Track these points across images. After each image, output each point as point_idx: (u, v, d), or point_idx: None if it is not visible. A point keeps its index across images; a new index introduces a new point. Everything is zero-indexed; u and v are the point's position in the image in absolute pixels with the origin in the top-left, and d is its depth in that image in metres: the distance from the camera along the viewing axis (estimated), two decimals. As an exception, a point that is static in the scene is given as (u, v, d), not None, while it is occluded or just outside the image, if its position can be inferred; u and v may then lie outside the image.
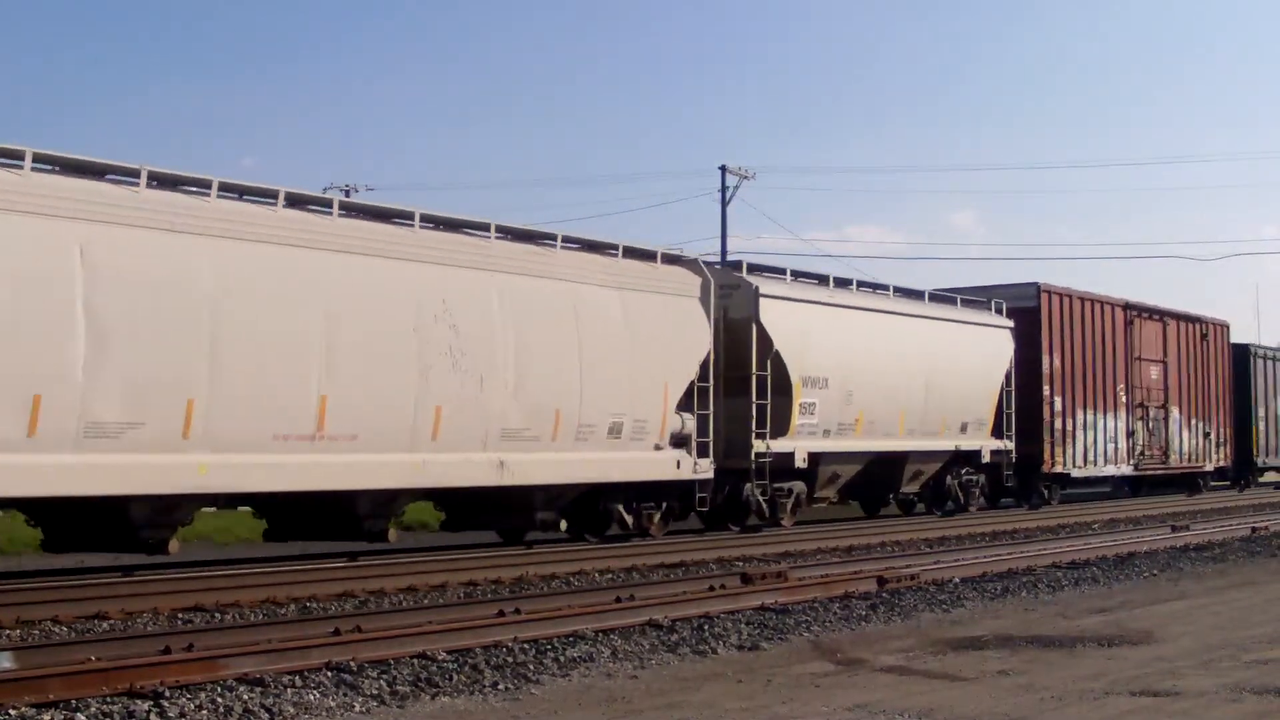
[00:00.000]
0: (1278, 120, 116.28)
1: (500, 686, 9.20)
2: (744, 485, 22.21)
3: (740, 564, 17.73)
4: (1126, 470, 34.85)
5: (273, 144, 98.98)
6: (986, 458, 28.28)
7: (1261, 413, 42.34)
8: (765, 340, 22.29)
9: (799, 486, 23.52)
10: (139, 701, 8.24)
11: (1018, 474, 29.70)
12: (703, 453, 21.07)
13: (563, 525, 19.79)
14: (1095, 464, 32.85)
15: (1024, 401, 29.51)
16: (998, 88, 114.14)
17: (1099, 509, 30.94)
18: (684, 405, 20.77)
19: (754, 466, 22.09)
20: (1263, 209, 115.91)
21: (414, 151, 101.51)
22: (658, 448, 20.23)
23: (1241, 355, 41.53)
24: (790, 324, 22.95)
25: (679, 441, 20.73)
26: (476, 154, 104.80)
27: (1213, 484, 40.30)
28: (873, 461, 25.39)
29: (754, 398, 21.97)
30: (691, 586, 14.46)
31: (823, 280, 25.05)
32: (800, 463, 22.99)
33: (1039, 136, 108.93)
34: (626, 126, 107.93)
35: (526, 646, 10.46)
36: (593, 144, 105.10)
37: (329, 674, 9.20)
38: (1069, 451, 31.63)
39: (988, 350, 28.41)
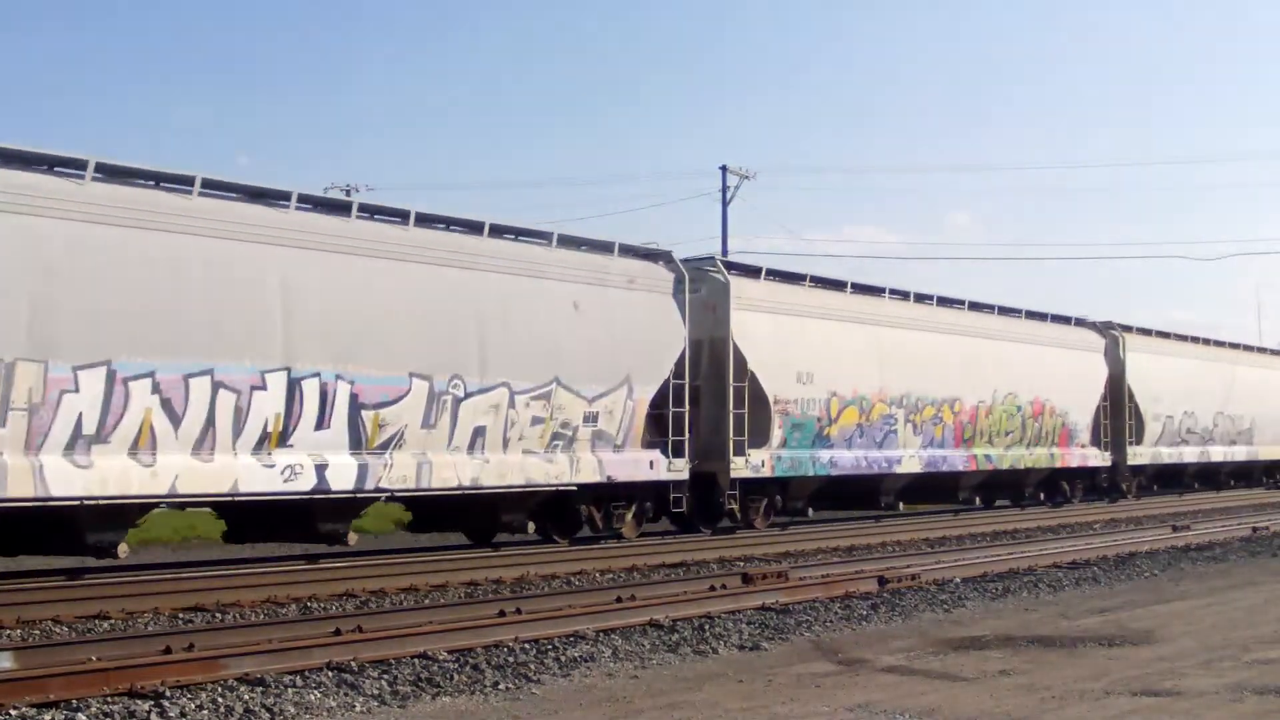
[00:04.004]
0: (1277, 120, 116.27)
1: (501, 686, 9.19)
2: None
3: (741, 564, 17.73)
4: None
5: (270, 143, 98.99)
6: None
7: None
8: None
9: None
10: (140, 701, 8.25)
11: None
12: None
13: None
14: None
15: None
16: (997, 88, 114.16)
17: (1100, 509, 30.95)
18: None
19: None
20: (1263, 209, 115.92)
21: (414, 151, 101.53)
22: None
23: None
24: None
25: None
26: (476, 154, 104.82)
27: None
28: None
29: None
30: (692, 586, 14.46)
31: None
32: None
33: (1039, 136, 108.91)
34: (626, 126, 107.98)
35: (527, 646, 10.46)
36: (593, 144, 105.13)
37: (330, 674, 9.20)
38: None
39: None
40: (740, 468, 21.70)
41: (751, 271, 23.56)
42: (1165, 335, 36.72)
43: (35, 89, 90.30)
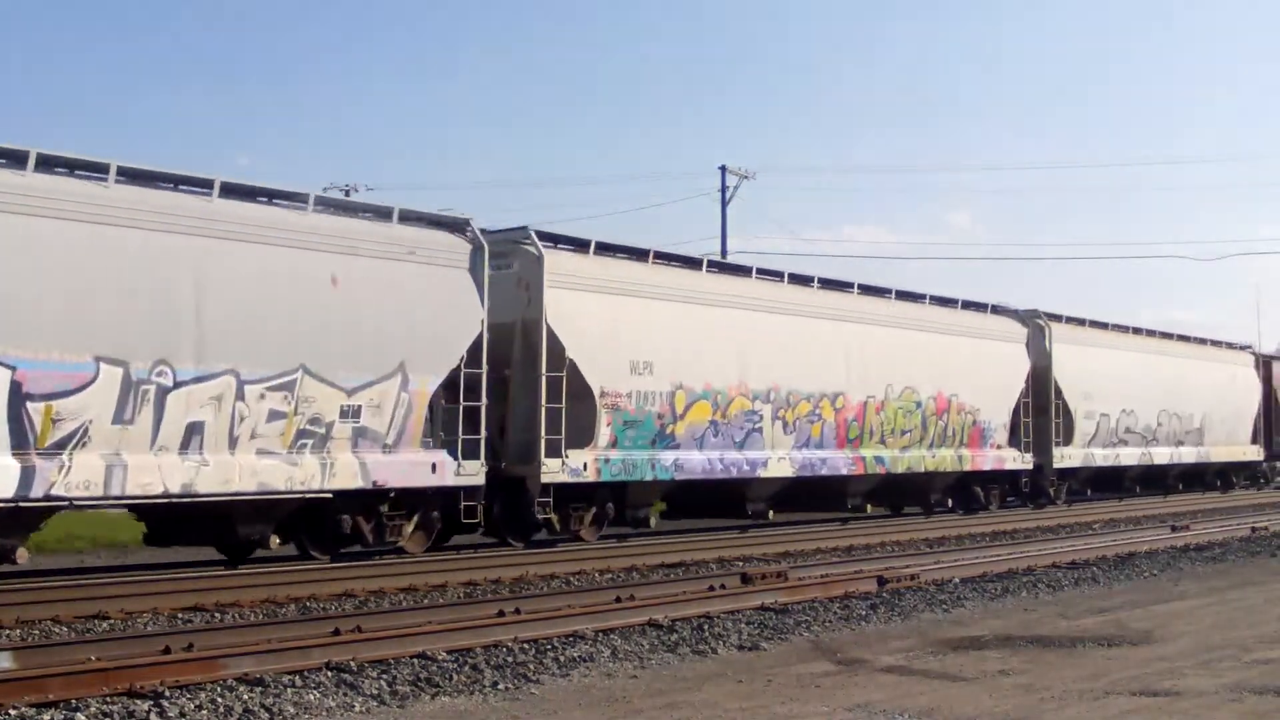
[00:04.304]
0: (1278, 120, 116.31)
1: (500, 686, 9.19)
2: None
3: (740, 564, 17.74)
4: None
5: (269, 143, 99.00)
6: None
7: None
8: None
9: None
10: (139, 701, 8.25)
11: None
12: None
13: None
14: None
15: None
16: (997, 88, 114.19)
17: (1101, 508, 30.92)
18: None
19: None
20: (1263, 209, 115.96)
21: (413, 151, 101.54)
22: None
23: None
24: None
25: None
26: (476, 154, 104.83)
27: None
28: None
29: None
30: (691, 586, 14.46)
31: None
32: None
33: (1038, 137, 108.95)
34: (626, 126, 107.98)
35: (526, 646, 10.46)
36: (593, 144, 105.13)
37: (329, 674, 9.20)
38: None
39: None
40: (555, 471, 18.53)
41: (578, 245, 20.21)
42: (1101, 325, 33.53)
43: (34, 89, 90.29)
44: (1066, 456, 30.94)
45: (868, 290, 25.93)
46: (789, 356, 22.99)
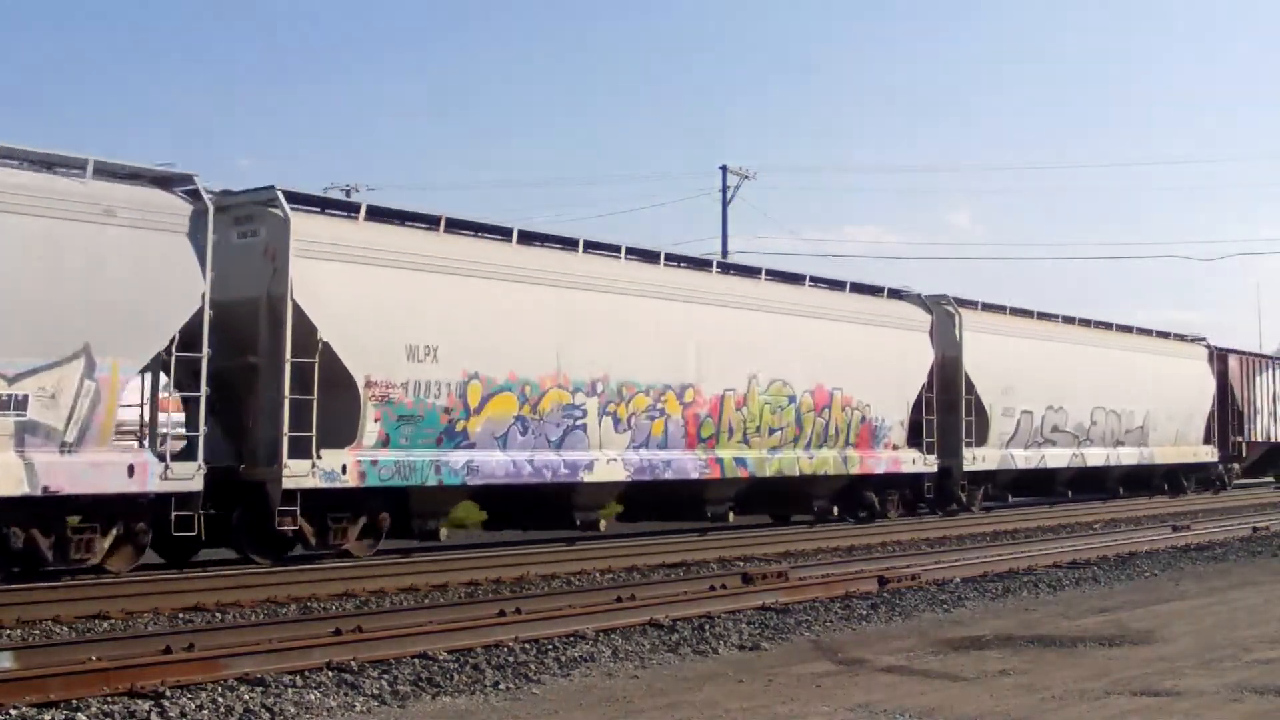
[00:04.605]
0: (1278, 121, 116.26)
1: (501, 686, 9.19)
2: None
3: (741, 564, 17.74)
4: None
5: (269, 144, 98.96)
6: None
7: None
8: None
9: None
10: (140, 701, 8.24)
11: None
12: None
13: None
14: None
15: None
16: (997, 88, 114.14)
17: (1101, 508, 30.90)
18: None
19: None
20: (1263, 209, 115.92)
21: (414, 151, 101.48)
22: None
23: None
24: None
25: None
26: (477, 154, 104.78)
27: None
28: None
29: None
30: (692, 586, 14.46)
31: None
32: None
33: (1038, 136, 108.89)
34: (626, 126, 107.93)
35: (527, 646, 10.46)
36: (593, 144, 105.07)
37: (330, 674, 9.20)
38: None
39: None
40: (302, 475, 15.62)
41: (345, 209, 17.50)
42: (1025, 313, 30.01)
43: (34, 88, 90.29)
44: (980, 458, 27.40)
45: (732, 270, 23.56)
46: (623, 343, 19.84)
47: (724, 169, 46.46)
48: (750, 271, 23.52)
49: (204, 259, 14.84)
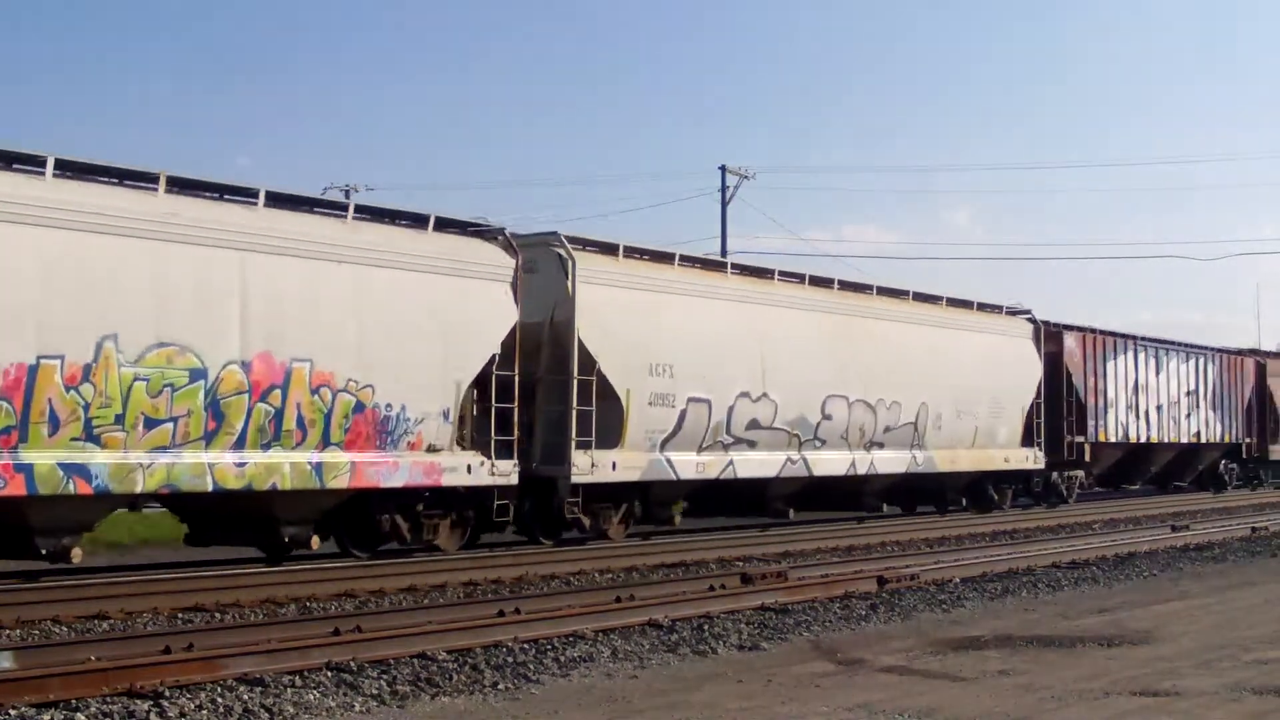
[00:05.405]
0: (1278, 120, 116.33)
1: (500, 686, 9.20)
2: None
3: (741, 564, 17.74)
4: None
5: (269, 144, 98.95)
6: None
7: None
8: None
9: None
10: (139, 701, 8.25)
11: None
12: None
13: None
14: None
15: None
16: (997, 88, 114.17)
17: (1100, 508, 30.89)
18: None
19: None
20: (1263, 209, 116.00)
21: (413, 151, 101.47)
22: None
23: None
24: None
25: None
26: (477, 154, 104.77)
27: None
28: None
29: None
30: (691, 586, 14.47)
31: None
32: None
33: (1037, 136, 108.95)
34: (627, 126, 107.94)
35: (526, 646, 10.46)
36: (593, 144, 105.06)
37: (329, 674, 9.20)
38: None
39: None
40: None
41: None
42: (694, 262, 21.82)
43: (33, 87, 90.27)
44: (601, 464, 18.93)
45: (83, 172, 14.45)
46: None
47: (724, 169, 46.40)
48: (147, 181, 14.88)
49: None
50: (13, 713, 7.90)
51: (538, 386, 18.93)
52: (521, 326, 18.16)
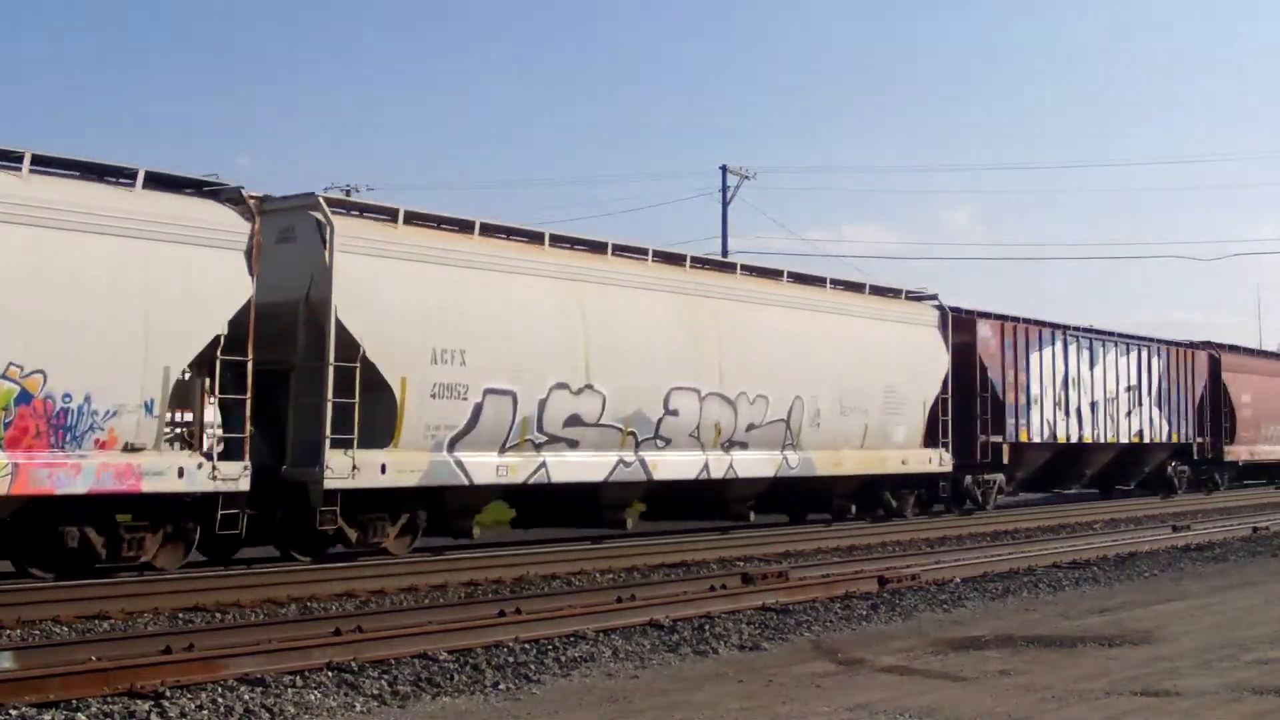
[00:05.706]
0: (1278, 121, 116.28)
1: (501, 686, 9.19)
2: None
3: (741, 564, 17.73)
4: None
5: (269, 144, 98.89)
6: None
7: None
8: None
9: None
10: (140, 701, 8.24)
11: None
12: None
13: None
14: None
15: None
16: (997, 88, 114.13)
17: (1100, 508, 30.86)
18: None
19: None
20: (1263, 209, 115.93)
21: (413, 152, 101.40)
22: None
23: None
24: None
25: None
26: (477, 154, 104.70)
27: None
28: None
29: None
30: (692, 586, 14.46)
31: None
32: None
33: (1037, 136, 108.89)
34: (627, 126, 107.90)
35: (527, 646, 10.46)
36: (593, 143, 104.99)
37: (330, 674, 9.20)
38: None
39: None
40: None
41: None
42: (500, 232, 18.82)
43: (33, 87, 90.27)
44: (366, 466, 16.35)
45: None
46: None
47: (724, 169, 46.38)
48: None
49: None
50: (13, 713, 7.89)
51: (292, 375, 16.28)
52: (274, 305, 15.55)
